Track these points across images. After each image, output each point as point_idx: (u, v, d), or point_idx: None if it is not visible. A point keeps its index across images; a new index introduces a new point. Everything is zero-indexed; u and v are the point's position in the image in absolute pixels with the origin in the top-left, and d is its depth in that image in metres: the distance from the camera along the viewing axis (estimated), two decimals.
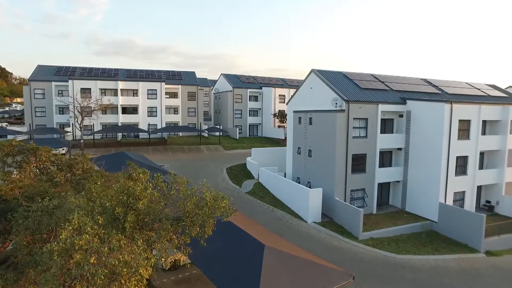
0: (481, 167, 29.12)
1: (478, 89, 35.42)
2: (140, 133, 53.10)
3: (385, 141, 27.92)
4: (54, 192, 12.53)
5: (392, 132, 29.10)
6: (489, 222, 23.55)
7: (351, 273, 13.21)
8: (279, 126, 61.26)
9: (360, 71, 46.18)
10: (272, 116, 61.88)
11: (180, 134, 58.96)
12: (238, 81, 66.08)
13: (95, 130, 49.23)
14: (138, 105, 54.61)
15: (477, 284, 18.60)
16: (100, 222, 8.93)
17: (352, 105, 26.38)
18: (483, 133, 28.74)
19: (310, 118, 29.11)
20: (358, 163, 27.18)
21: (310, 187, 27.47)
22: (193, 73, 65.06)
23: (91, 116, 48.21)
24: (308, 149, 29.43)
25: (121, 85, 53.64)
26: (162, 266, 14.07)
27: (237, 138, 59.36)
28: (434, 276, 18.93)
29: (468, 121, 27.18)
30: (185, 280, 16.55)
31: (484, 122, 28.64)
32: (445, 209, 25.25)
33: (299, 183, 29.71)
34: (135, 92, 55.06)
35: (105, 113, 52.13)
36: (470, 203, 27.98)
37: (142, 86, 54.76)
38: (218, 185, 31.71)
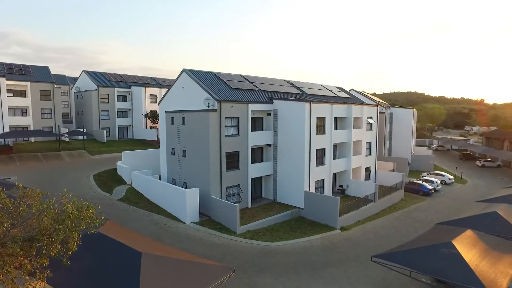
0: (334, 157, 33.89)
1: (330, 90, 41.15)
2: None
3: (256, 138, 29.71)
4: None
5: (262, 130, 31.17)
6: (342, 203, 27.55)
7: (231, 267, 13.57)
8: (151, 127, 58.64)
9: (230, 71, 47.87)
10: (144, 116, 58.79)
11: (32, 139, 50.28)
12: (103, 79, 60.34)
13: None
14: None
15: (333, 255, 21.68)
16: None
17: (224, 105, 27.15)
18: (335, 128, 33.47)
19: (183, 118, 28.74)
20: (232, 160, 28.20)
21: (186, 188, 27.15)
22: (47, 68, 56.17)
23: None
24: (182, 150, 29.01)
25: None
26: None
27: (105, 141, 54.23)
28: (303, 256, 21.15)
29: (324, 118, 31.29)
30: None
31: (335, 119, 33.41)
32: (309, 196, 28.49)
33: (175, 184, 29.04)
34: None
35: None
36: (328, 189, 32.31)
37: None
38: (85, 195, 28.31)
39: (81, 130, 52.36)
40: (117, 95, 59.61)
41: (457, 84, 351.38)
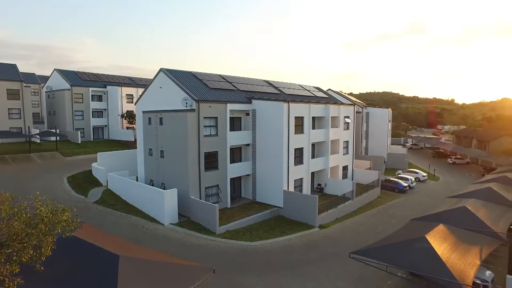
0: (313, 156, 34.31)
1: (308, 90, 41.62)
2: None
3: (234, 138, 29.66)
4: None
5: (241, 130, 31.17)
6: (320, 201, 27.90)
7: (211, 267, 13.54)
8: (128, 128, 57.40)
9: (208, 71, 47.54)
10: (120, 117, 57.49)
11: None
12: (77, 78, 58.49)
13: None
14: None
15: (313, 252, 21.97)
16: None
17: (202, 105, 26.95)
18: (313, 127, 33.85)
19: (161, 118, 28.35)
20: (211, 160, 28.04)
21: (164, 189, 26.78)
22: (14, 66, 53.75)
23: None
24: (160, 150, 28.61)
25: None
26: None
27: (79, 142, 52.61)
28: (283, 255, 21.31)
29: (302, 118, 31.60)
30: None
31: (313, 118, 33.80)
32: (288, 195, 28.72)
33: (153, 185, 28.59)
34: None
35: None
36: (306, 188, 32.66)
37: None
38: (58, 198, 27.36)
39: (53, 131, 50.59)
40: (91, 95, 57.91)
41: (430, 85, 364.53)
